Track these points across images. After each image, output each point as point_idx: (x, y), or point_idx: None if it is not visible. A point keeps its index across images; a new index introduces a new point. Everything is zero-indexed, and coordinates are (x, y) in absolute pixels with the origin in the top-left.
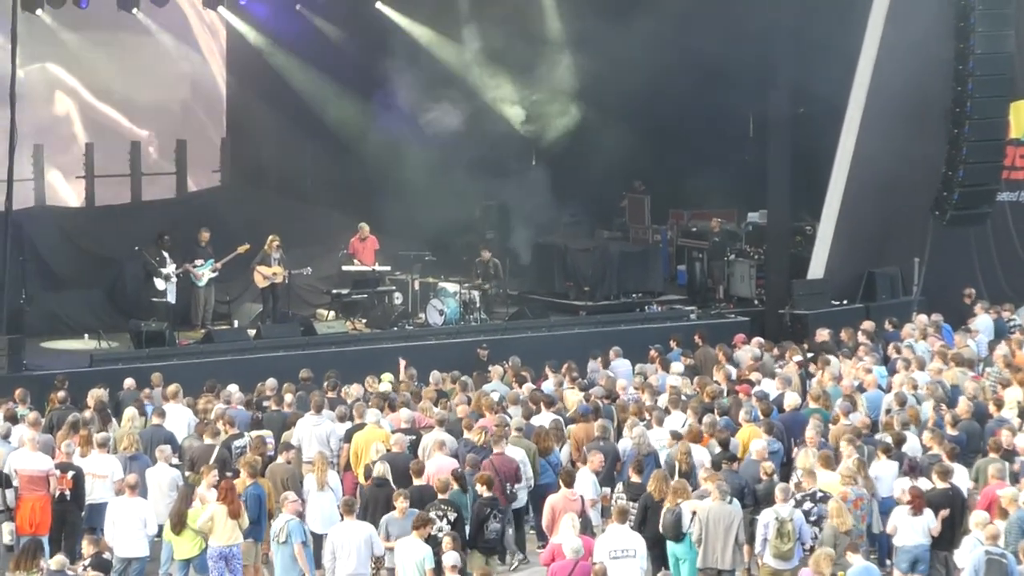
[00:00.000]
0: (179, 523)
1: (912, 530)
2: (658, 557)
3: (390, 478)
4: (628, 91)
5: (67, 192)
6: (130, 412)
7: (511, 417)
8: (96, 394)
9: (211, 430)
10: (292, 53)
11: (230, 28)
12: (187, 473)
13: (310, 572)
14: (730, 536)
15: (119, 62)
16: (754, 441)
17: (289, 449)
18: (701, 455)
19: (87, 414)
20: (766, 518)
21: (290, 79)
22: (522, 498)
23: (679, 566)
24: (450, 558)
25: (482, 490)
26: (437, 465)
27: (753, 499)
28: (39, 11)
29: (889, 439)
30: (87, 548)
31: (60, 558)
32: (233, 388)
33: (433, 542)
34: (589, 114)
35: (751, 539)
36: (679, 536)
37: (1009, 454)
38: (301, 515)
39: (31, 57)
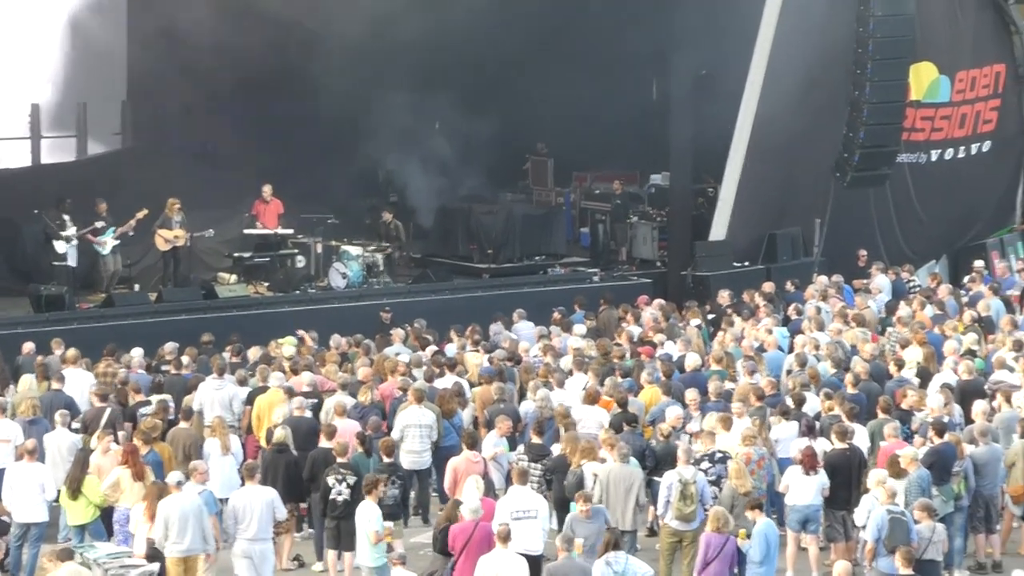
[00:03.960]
0: (74, 488)
1: (804, 490)
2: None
3: (290, 443)
4: (531, 54)
5: None
6: (29, 377)
7: (414, 380)
8: None
9: (101, 392)
10: (193, 12)
11: None
12: (81, 436)
13: (221, 542)
14: (630, 497)
15: (16, 23)
16: (670, 408)
17: (191, 414)
18: (600, 417)
19: None
20: (669, 480)
21: (191, 39)
22: (426, 460)
23: None
24: None
25: (382, 456)
26: (339, 429)
27: (654, 460)
28: None
29: (789, 400)
30: None
31: None
32: (136, 352)
33: (332, 506)
34: (492, 76)
35: (653, 500)
36: None
37: (906, 414)
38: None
39: None
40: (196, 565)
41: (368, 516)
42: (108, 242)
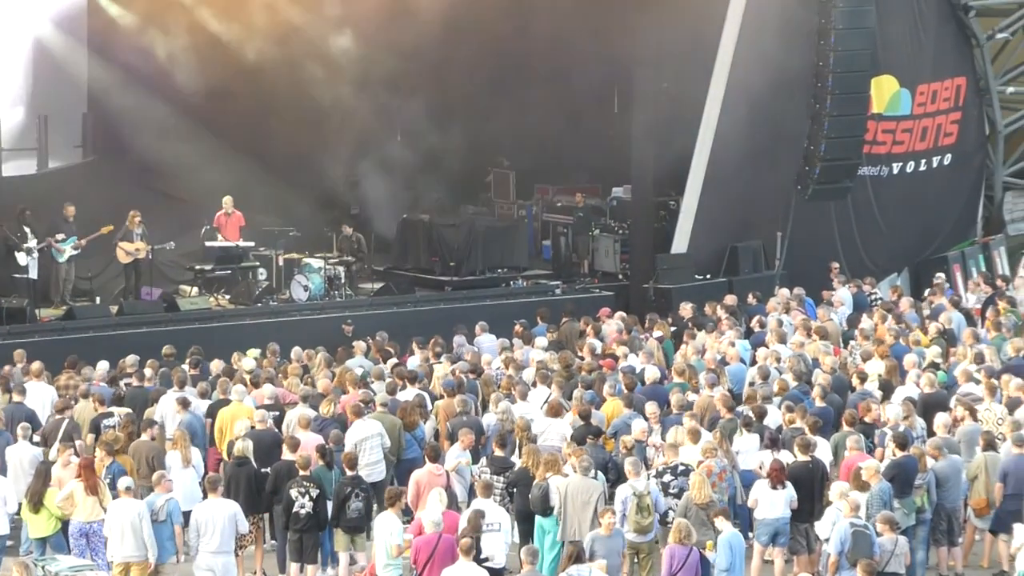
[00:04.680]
0: (36, 501)
1: (772, 503)
2: (527, 531)
3: (251, 456)
4: (493, 67)
5: None
6: None
7: (375, 392)
8: None
9: (60, 404)
10: (153, 25)
11: (90, 1)
12: (42, 448)
13: (183, 553)
14: (588, 510)
15: None
16: (635, 421)
17: (152, 425)
18: (562, 429)
19: None
20: (623, 493)
21: (152, 53)
22: (381, 471)
23: (544, 538)
24: None
25: (345, 469)
26: (302, 442)
27: (616, 473)
28: None
29: (749, 412)
30: None
31: None
32: (102, 365)
33: (295, 519)
34: (453, 90)
35: None
36: (547, 510)
37: (868, 427)
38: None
39: None
40: (139, 573)
41: (389, 528)
42: (67, 251)
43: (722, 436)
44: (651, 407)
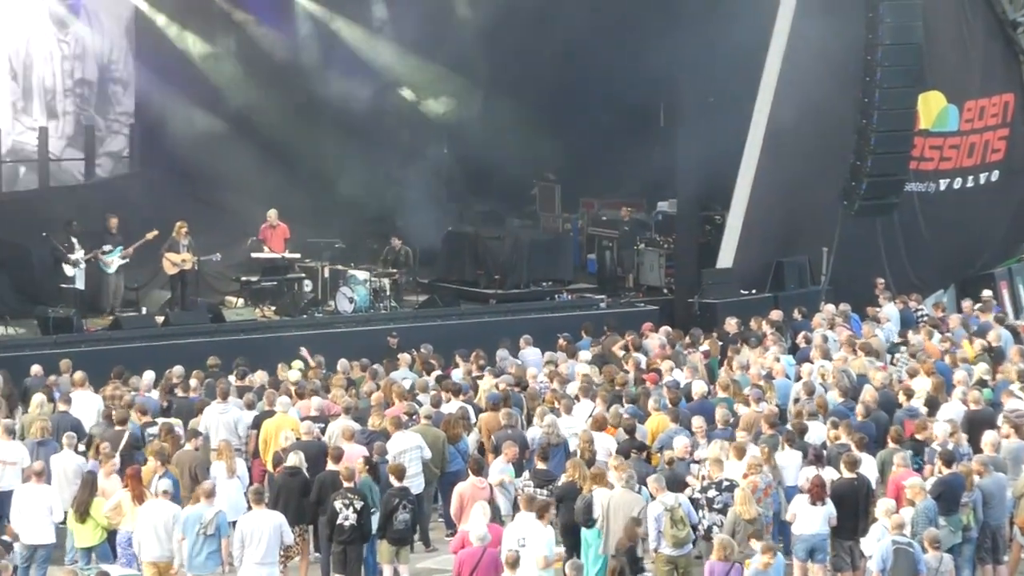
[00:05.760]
0: (82, 511)
1: (810, 519)
2: (574, 545)
3: (304, 467)
4: (539, 80)
5: None
6: (38, 398)
7: (420, 405)
8: None
9: (120, 416)
10: (200, 36)
11: (137, 12)
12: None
13: (227, 564)
14: None
15: (26, 45)
16: (677, 438)
17: (196, 436)
18: (607, 443)
19: None
20: (655, 511)
21: (198, 63)
22: (420, 482)
23: (588, 551)
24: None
25: (393, 480)
26: (346, 453)
27: None
28: None
29: (792, 428)
30: None
31: None
32: (149, 375)
33: (339, 531)
34: (500, 102)
35: None
36: (589, 522)
37: (918, 444)
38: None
39: None
40: (168, 570)
41: (542, 539)
42: (114, 262)
43: (769, 452)
44: (698, 422)
